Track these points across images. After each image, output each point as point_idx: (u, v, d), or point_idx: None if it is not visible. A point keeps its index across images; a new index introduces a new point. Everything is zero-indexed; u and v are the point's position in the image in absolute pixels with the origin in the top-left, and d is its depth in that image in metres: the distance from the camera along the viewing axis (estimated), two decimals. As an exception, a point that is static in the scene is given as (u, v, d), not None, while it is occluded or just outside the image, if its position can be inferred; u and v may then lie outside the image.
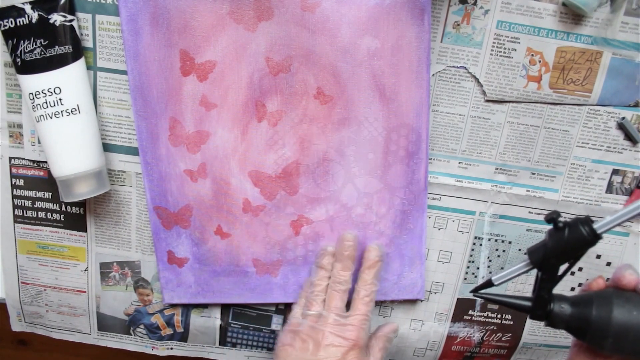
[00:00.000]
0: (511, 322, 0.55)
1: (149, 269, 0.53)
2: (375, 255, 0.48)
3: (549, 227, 0.52)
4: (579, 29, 0.45)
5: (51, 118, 0.43)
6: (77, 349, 0.59)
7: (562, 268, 0.37)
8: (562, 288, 0.54)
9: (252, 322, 0.55)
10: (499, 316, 0.55)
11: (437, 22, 0.45)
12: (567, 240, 0.35)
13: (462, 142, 0.49)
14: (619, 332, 0.34)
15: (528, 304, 0.37)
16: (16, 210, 0.52)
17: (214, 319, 0.54)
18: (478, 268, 0.53)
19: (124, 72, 0.46)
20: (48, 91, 0.43)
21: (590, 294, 0.37)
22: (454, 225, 0.52)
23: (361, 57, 0.45)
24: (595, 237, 0.34)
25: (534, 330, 0.56)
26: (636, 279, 0.36)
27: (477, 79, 0.47)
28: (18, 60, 0.43)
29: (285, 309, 0.54)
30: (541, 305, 0.37)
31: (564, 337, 0.57)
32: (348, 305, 0.47)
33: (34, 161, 0.50)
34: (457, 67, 0.46)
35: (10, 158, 0.50)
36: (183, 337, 0.56)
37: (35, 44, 0.42)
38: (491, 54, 0.46)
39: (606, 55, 0.46)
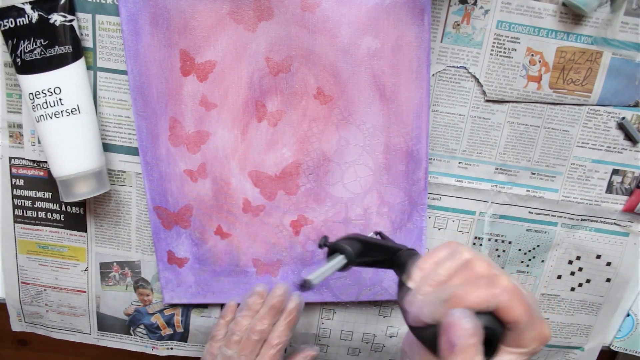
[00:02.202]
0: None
1: (149, 269, 0.53)
2: (293, 305, 0.47)
3: (549, 226, 0.52)
4: (579, 29, 0.45)
5: (51, 118, 0.43)
6: (77, 349, 0.59)
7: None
8: (562, 288, 0.54)
9: (252, 322, 0.55)
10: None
11: (437, 22, 0.45)
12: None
13: (462, 142, 0.49)
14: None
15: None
16: (16, 210, 0.52)
17: (214, 319, 0.54)
18: (478, 268, 0.53)
19: (124, 72, 0.46)
20: (48, 91, 0.43)
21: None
22: (454, 225, 0.52)
23: (361, 57, 0.45)
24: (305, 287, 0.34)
25: (534, 330, 0.56)
26: None
27: (477, 79, 0.47)
28: (18, 60, 0.43)
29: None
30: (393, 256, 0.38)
31: (564, 337, 0.57)
32: None
33: (34, 161, 0.49)
34: (457, 67, 0.46)
35: (11, 158, 0.50)
36: (183, 337, 0.56)
37: (35, 44, 0.42)
38: (491, 54, 0.46)
39: (606, 55, 0.46)
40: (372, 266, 0.39)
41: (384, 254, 0.38)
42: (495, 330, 0.29)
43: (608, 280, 0.54)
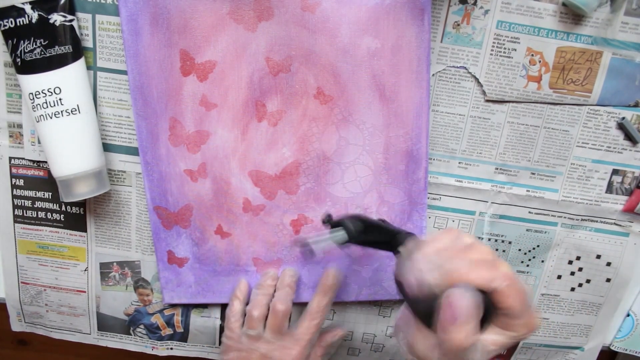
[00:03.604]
0: (511, 322, 0.55)
1: (149, 269, 0.53)
2: (332, 281, 0.49)
3: (549, 226, 0.52)
4: (579, 29, 0.45)
5: (51, 118, 0.43)
6: (77, 349, 0.59)
7: None
8: (562, 288, 0.54)
9: (252, 322, 0.55)
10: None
11: (437, 22, 0.45)
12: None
13: (462, 142, 0.49)
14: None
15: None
16: (16, 210, 0.52)
17: (214, 319, 0.54)
18: (478, 268, 0.53)
19: (124, 72, 0.46)
20: (48, 91, 0.43)
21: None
22: (454, 225, 0.52)
23: (361, 57, 0.45)
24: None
25: (534, 330, 0.56)
26: None
27: (477, 79, 0.47)
28: (18, 60, 0.43)
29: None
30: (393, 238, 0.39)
31: (564, 337, 0.57)
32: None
33: (34, 161, 0.50)
34: (457, 67, 0.46)
35: (10, 158, 0.50)
36: (183, 337, 0.56)
37: (35, 44, 0.42)
38: (491, 54, 0.46)
39: (606, 55, 0.46)
40: (372, 246, 0.40)
41: (384, 235, 0.39)
42: (488, 309, 0.30)
43: (608, 280, 0.54)
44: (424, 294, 0.31)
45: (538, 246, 0.52)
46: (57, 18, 0.42)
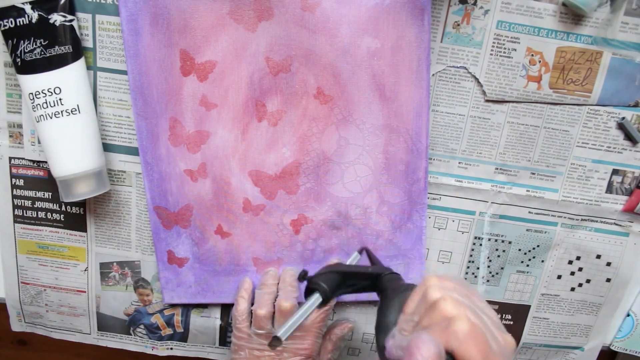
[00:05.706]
0: (511, 322, 0.55)
1: (149, 269, 0.53)
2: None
3: (549, 226, 0.52)
4: (579, 29, 0.45)
5: (51, 118, 0.43)
6: (77, 349, 0.59)
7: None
8: (562, 288, 0.54)
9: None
10: (498, 316, 0.55)
11: (437, 22, 0.45)
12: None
13: (462, 142, 0.49)
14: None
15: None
16: (16, 210, 0.52)
17: (214, 319, 0.54)
18: (478, 268, 0.53)
19: (124, 72, 0.46)
20: (48, 91, 0.43)
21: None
22: (454, 225, 0.52)
23: (361, 57, 0.45)
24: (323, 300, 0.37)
25: (533, 330, 0.56)
26: None
27: (477, 79, 0.47)
28: (18, 60, 0.43)
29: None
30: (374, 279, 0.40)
31: (564, 337, 0.57)
32: None
33: (34, 161, 0.49)
34: (457, 67, 0.47)
35: (10, 158, 0.50)
36: (183, 337, 0.56)
37: (35, 44, 0.42)
38: (491, 54, 0.46)
39: (606, 55, 0.46)
40: (354, 293, 0.40)
41: (365, 280, 0.39)
42: None
43: (608, 280, 0.54)
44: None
45: (538, 246, 0.52)
46: (57, 18, 0.42)
